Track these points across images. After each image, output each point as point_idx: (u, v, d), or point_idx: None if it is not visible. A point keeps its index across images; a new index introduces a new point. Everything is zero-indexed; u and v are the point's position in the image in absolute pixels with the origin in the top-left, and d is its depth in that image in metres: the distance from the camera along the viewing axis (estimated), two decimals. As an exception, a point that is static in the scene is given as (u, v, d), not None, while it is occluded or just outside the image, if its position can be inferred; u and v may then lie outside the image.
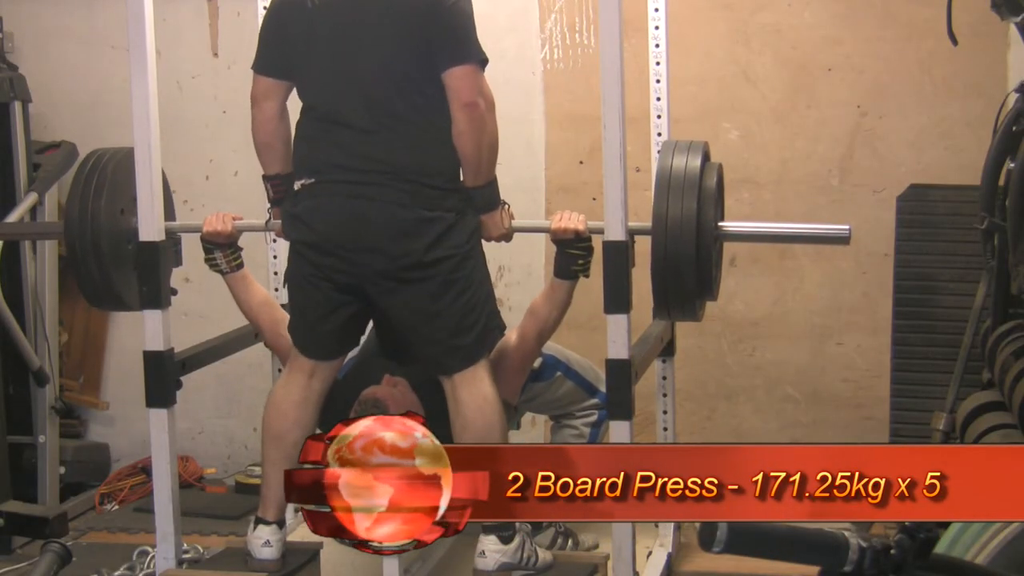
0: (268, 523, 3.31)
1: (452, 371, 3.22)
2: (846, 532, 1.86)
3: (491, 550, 3.21)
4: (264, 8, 3.69)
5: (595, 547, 3.84)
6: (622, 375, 3.13)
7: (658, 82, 3.78)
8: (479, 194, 3.21)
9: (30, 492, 4.58)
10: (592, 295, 3.24)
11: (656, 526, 3.90)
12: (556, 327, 3.41)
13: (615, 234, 3.12)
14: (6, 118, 4.60)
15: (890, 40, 4.47)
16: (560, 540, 3.76)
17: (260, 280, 3.67)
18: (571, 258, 3.30)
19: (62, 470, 4.76)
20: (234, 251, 3.54)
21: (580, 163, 4.68)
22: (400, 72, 3.12)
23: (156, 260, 3.37)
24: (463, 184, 3.21)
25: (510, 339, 3.40)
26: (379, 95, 3.13)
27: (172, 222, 3.57)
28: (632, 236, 3.17)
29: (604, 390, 3.55)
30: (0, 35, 4.78)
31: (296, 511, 3.74)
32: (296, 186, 3.22)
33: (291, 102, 3.30)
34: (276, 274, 4.03)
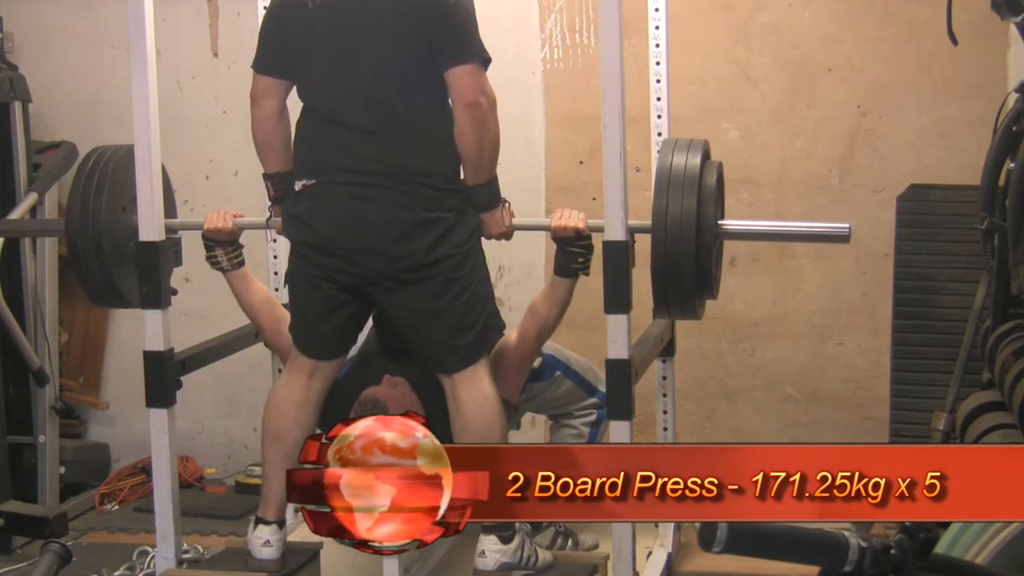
0: (268, 523, 3.31)
1: (452, 370, 3.22)
2: (846, 532, 1.86)
3: (491, 550, 3.21)
4: (264, 8, 3.69)
5: (595, 547, 3.84)
6: (622, 375, 3.13)
7: (658, 82, 3.78)
8: (480, 192, 3.21)
9: (30, 492, 4.57)
10: (592, 295, 3.24)
11: (656, 526, 3.90)
12: (556, 326, 3.41)
13: (615, 234, 3.11)
14: (6, 118, 4.60)
15: (890, 40, 4.47)
16: (560, 540, 3.76)
17: (260, 279, 3.67)
18: (571, 256, 3.30)
19: (62, 470, 4.76)
20: (235, 249, 3.54)
21: (580, 163, 4.68)
22: (401, 72, 3.12)
23: (156, 260, 3.37)
24: (464, 183, 3.21)
25: (510, 338, 3.40)
26: (380, 95, 3.13)
27: (173, 220, 3.57)
28: (632, 235, 3.17)
29: (603, 390, 3.56)
30: (0, 35, 4.78)
31: (296, 511, 3.74)
32: (297, 187, 3.22)
33: (291, 101, 3.30)
34: (276, 274, 4.03)
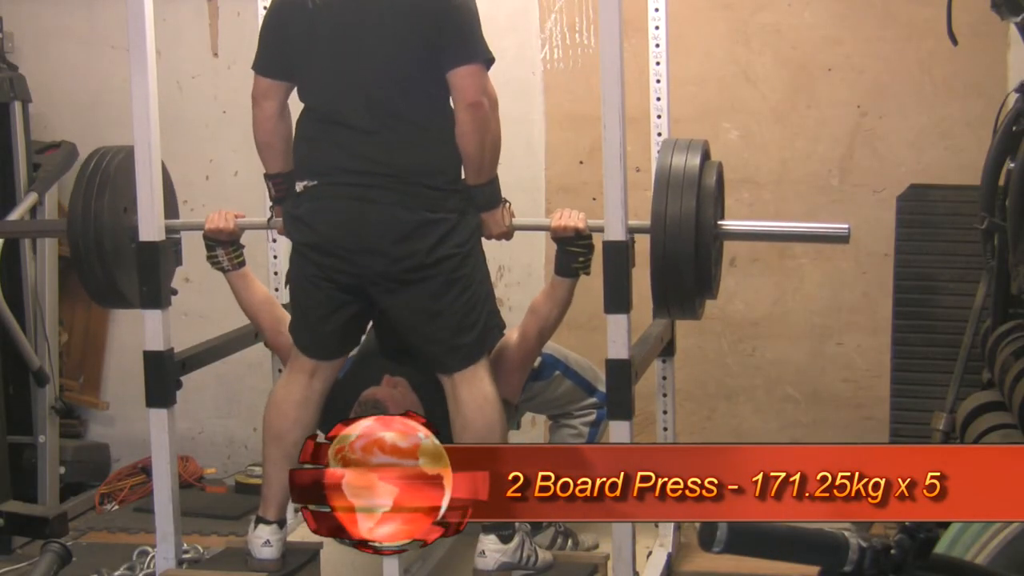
0: (268, 523, 3.31)
1: (453, 370, 3.22)
2: (846, 532, 1.86)
3: (491, 549, 3.21)
4: (264, 8, 3.69)
5: (595, 547, 3.84)
6: (622, 375, 3.13)
7: (658, 82, 3.78)
8: (481, 192, 3.21)
9: (30, 492, 4.57)
10: (592, 295, 3.24)
11: (656, 526, 3.90)
12: (557, 325, 3.41)
13: (615, 234, 3.11)
14: (6, 118, 4.60)
15: (890, 40, 4.47)
16: (560, 540, 3.76)
17: (261, 279, 3.67)
18: (572, 256, 3.30)
19: (62, 470, 4.76)
20: (236, 249, 3.54)
21: (580, 163, 4.68)
22: (402, 72, 3.11)
23: (156, 260, 3.37)
24: (464, 183, 3.21)
25: (511, 337, 3.40)
26: (380, 95, 3.13)
27: (174, 220, 3.57)
28: (632, 235, 3.17)
29: (603, 389, 3.56)
30: (0, 35, 4.78)
31: (296, 511, 3.74)
32: (298, 187, 3.22)
33: (293, 100, 3.30)
34: (276, 274, 4.03)
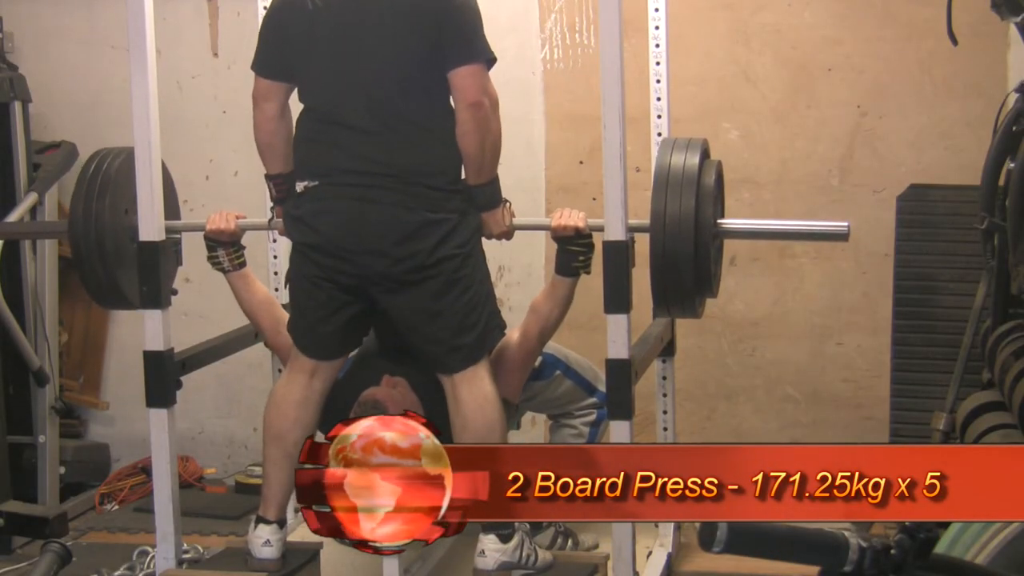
0: (269, 522, 3.31)
1: (453, 370, 3.22)
2: (846, 532, 1.86)
3: (491, 549, 3.21)
4: (264, 8, 3.69)
5: (595, 547, 3.83)
6: (622, 375, 3.13)
7: (658, 82, 3.78)
8: (481, 192, 3.21)
9: (30, 492, 4.57)
10: (592, 295, 3.24)
11: (656, 526, 3.90)
12: (558, 325, 3.40)
13: (615, 234, 3.11)
14: (6, 118, 4.60)
15: (890, 40, 4.47)
16: (560, 540, 3.76)
17: (261, 280, 3.67)
18: (572, 255, 3.30)
19: (62, 470, 4.76)
20: (237, 249, 3.54)
21: (580, 163, 4.68)
22: (403, 72, 3.11)
23: (156, 260, 3.36)
24: (465, 183, 3.21)
25: (512, 337, 3.39)
26: (381, 96, 3.13)
27: (174, 221, 3.57)
28: (632, 235, 3.17)
29: (603, 389, 3.55)
30: (0, 35, 4.78)
31: (296, 511, 3.74)
32: (298, 188, 3.22)
33: (294, 101, 3.30)
34: (276, 274, 4.03)
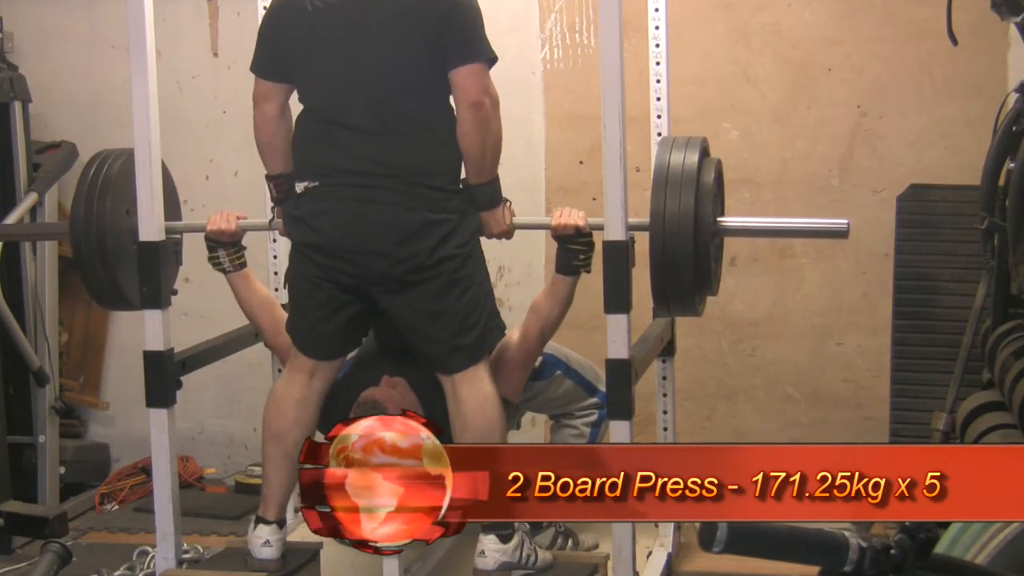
0: (268, 523, 3.31)
1: (454, 371, 3.22)
2: (846, 532, 1.86)
3: (490, 549, 3.21)
4: (264, 8, 3.69)
5: (595, 547, 3.83)
6: (622, 375, 3.13)
7: (658, 82, 3.78)
8: (482, 192, 3.21)
9: (30, 492, 4.57)
10: (592, 294, 3.24)
11: (656, 526, 3.90)
12: (558, 324, 3.40)
13: (615, 234, 3.11)
14: (6, 118, 4.60)
15: (890, 40, 4.47)
16: (560, 540, 3.76)
17: (261, 279, 3.67)
18: (572, 254, 3.30)
19: (62, 470, 4.76)
20: (238, 250, 3.54)
21: (580, 163, 4.68)
22: (403, 72, 3.11)
23: (156, 260, 3.37)
24: (465, 183, 3.21)
25: (512, 337, 3.39)
26: (381, 96, 3.13)
27: (175, 222, 3.57)
28: (632, 235, 3.17)
29: (604, 389, 3.55)
30: (0, 35, 4.78)
31: (296, 511, 3.74)
32: (299, 188, 3.22)
33: (294, 101, 3.30)
34: (276, 274, 4.03)
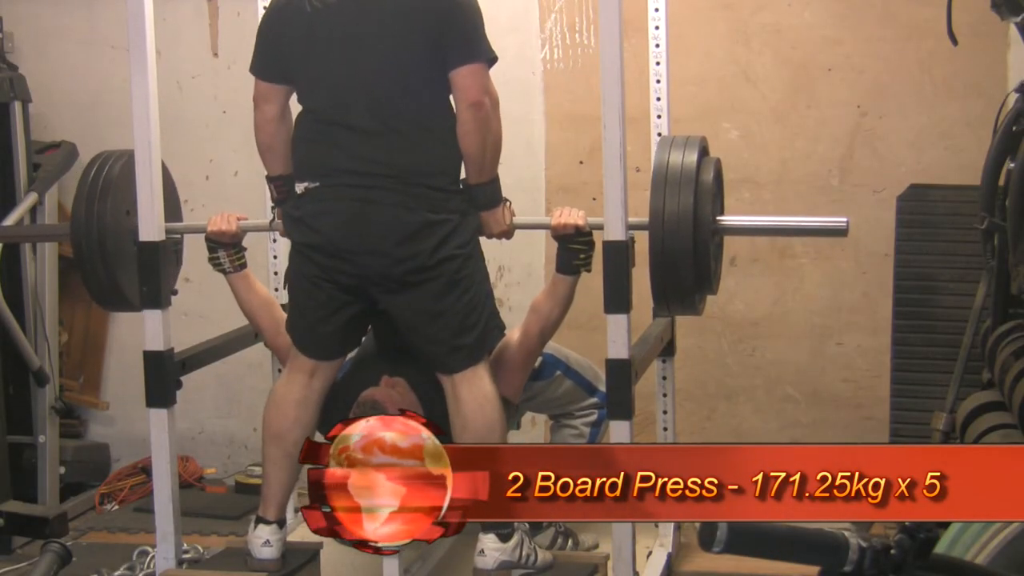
0: (268, 522, 3.31)
1: (454, 371, 3.22)
2: (846, 532, 1.86)
3: (490, 548, 3.21)
4: (264, 8, 3.69)
5: (595, 547, 3.83)
6: (622, 375, 3.13)
7: (658, 82, 3.78)
8: (482, 191, 3.21)
9: (30, 492, 4.57)
10: (592, 294, 3.24)
11: (656, 526, 3.90)
12: (559, 324, 3.40)
13: (615, 234, 3.11)
14: (6, 118, 4.60)
15: (890, 40, 4.47)
16: (560, 540, 3.76)
17: (260, 280, 3.67)
18: (572, 253, 3.30)
19: (62, 470, 4.76)
20: (238, 251, 3.54)
21: (580, 163, 4.68)
22: (404, 72, 3.11)
23: (156, 260, 3.37)
24: (465, 183, 3.21)
25: (513, 336, 3.39)
26: (382, 96, 3.12)
27: (175, 223, 3.57)
28: (632, 235, 3.17)
29: (603, 389, 3.55)
30: (0, 35, 4.78)
31: (296, 511, 3.74)
32: (298, 188, 3.21)
33: (295, 102, 3.30)
34: (276, 274, 4.03)
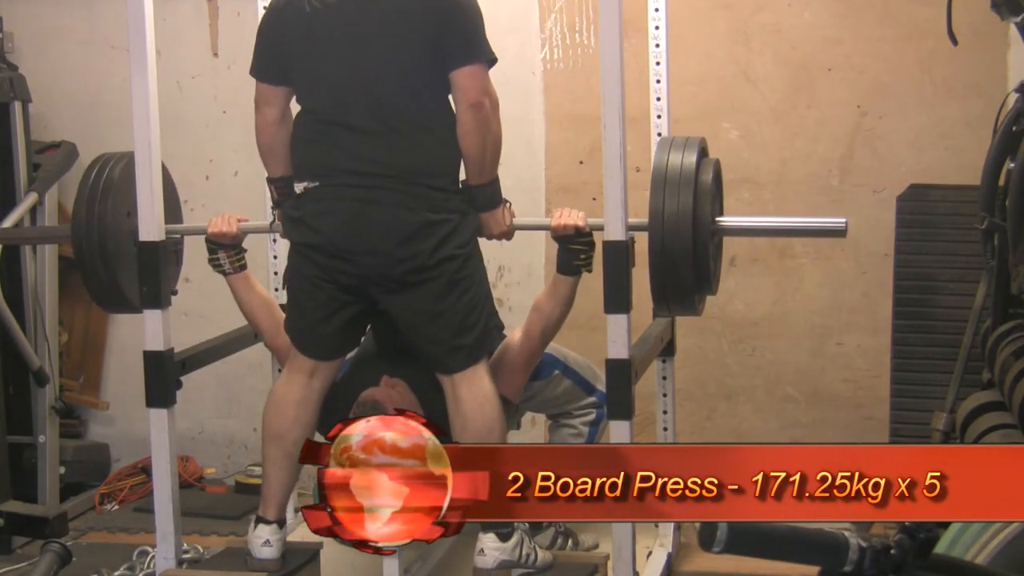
0: (268, 522, 3.31)
1: (454, 371, 3.22)
2: (846, 532, 1.86)
3: (490, 547, 3.21)
4: (264, 8, 3.69)
5: (595, 547, 3.84)
6: (622, 375, 3.13)
7: (658, 82, 3.78)
8: (482, 192, 3.21)
9: (30, 492, 4.57)
10: (592, 295, 3.24)
11: (656, 526, 3.90)
12: (560, 324, 3.40)
13: (615, 234, 3.11)
14: (6, 118, 4.60)
15: (890, 40, 4.47)
16: (560, 540, 3.76)
17: (260, 280, 3.67)
18: (573, 253, 3.30)
19: (62, 470, 4.76)
20: (238, 252, 3.54)
21: (580, 163, 4.68)
22: (404, 72, 3.11)
23: (156, 260, 3.37)
24: (465, 183, 3.21)
25: (514, 337, 3.39)
26: (382, 96, 3.12)
27: (175, 224, 3.57)
28: (632, 235, 3.17)
29: (602, 389, 3.56)
30: (0, 35, 4.78)
31: (296, 511, 3.74)
32: (298, 189, 3.21)
33: (295, 104, 3.30)
34: (276, 274, 4.03)
